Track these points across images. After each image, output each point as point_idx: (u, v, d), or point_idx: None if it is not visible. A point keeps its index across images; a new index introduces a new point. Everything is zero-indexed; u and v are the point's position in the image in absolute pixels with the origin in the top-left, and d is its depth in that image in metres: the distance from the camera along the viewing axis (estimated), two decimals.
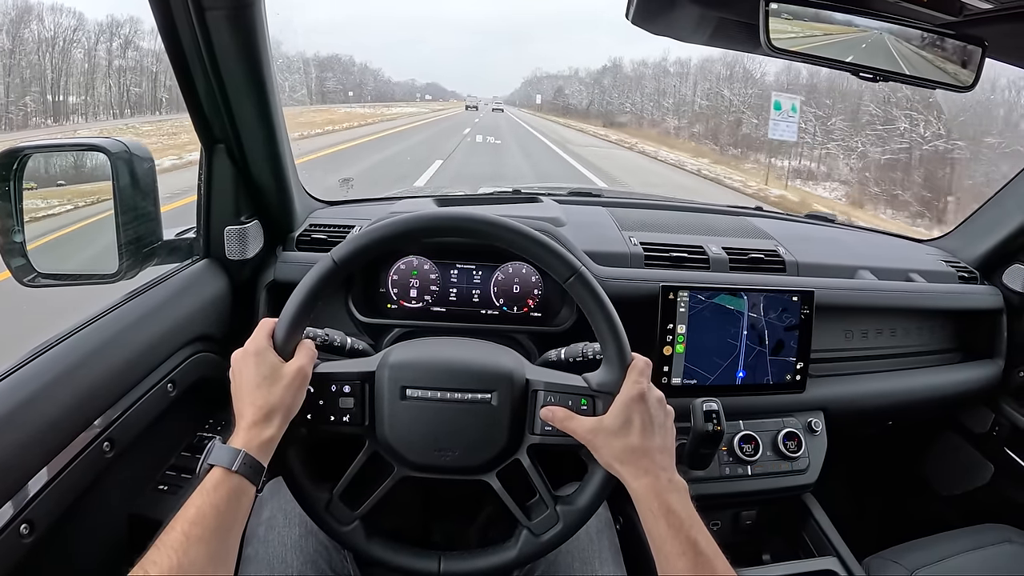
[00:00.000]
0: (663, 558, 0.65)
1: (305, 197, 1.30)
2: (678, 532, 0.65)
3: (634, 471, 0.68)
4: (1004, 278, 1.44)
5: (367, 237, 0.73)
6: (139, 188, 0.91)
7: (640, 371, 0.73)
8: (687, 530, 0.65)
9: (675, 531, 0.65)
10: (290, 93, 19.31)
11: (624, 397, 0.71)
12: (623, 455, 0.69)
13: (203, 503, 0.61)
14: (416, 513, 1.32)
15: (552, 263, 0.74)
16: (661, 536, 0.65)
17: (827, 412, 1.23)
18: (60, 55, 30.87)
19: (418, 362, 0.77)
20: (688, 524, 0.65)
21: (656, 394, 0.73)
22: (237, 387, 0.70)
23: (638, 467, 0.69)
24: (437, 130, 25.01)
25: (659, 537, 0.66)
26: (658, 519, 0.66)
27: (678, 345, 1.12)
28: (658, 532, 0.66)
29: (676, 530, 0.65)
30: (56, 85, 30.57)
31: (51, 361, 0.77)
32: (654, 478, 0.68)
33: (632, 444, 0.69)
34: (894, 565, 1.14)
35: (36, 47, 30.29)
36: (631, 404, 0.70)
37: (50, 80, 29.98)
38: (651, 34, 1.03)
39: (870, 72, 0.89)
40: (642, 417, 0.70)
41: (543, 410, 0.74)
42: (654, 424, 0.71)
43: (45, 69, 29.69)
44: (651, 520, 0.67)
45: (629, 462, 0.69)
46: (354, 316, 1.14)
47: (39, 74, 29.61)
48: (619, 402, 0.71)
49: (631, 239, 1.26)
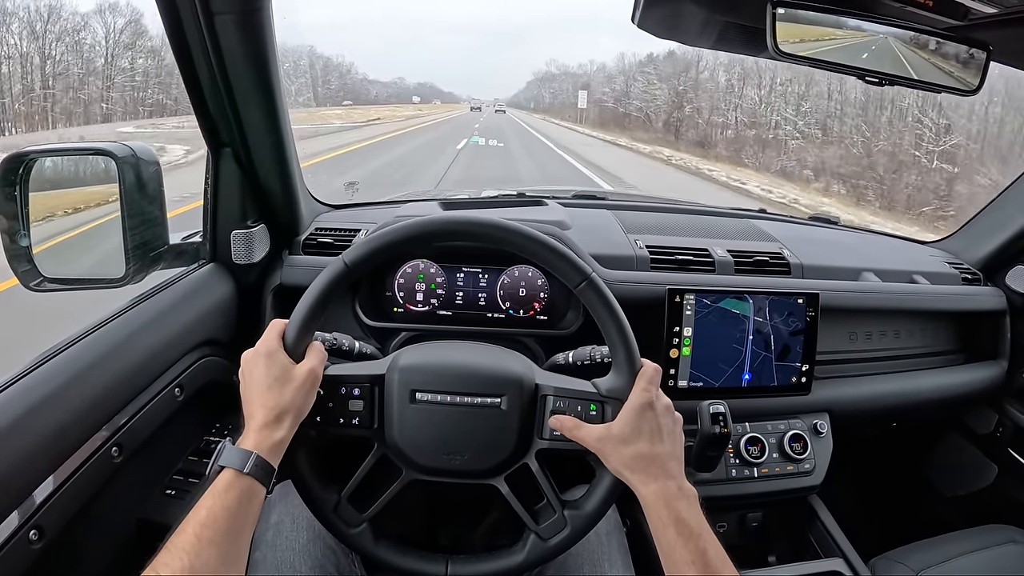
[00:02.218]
0: (671, 565, 0.65)
1: (311, 201, 1.30)
2: (687, 541, 0.65)
3: (643, 478, 0.69)
4: (1007, 279, 1.44)
5: (379, 240, 0.73)
6: (145, 192, 0.91)
7: (649, 379, 0.73)
8: (696, 539, 0.65)
9: (684, 539, 0.65)
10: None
11: (633, 404, 0.71)
12: (632, 462, 0.69)
13: (214, 505, 0.61)
14: (423, 516, 1.31)
15: (563, 268, 0.74)
16: (670, 544, 0.65)
17: (832, 414, 1.23)
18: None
19: (428, 365, 0.77)
20: (698, 533, 0.65)
21: (664, 401, 0.73)
22: (247, 388, 0.70)
23: (647, 474, 0.69)
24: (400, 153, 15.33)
25: (668, 545, 0.66)
26: (667, 527, 0.66)
27: (684, 348, 1.12)
28: (667, 540, 0.66)
29: (686, 539, 0.65)
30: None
31: (59, 367, 0.77)
32: (663, 485, 0.68)
33: (641, 451, 0.69)
34: (899, 566, 1.14)
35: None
36: (640, 412, 0.70)
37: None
38: (656, 38, 1.03)
39: (876, 76, 0.89)
40: (651, 425, 0.70)
41: (552, 419, 0.74)
42: (663, 431, 0.71)
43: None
44: (660, 528, 0.67)
45: (639, 469, 0.69)
46: (361, 320, 1.14)
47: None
48: (628, 410, 0.71)
49: (637, 242, 1.26)
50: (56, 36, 29.96)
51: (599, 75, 59.47)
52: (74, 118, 29.41)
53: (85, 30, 31.14)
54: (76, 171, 1.00)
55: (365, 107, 53.22)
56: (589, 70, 70.18)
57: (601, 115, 46.24)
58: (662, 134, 34.04)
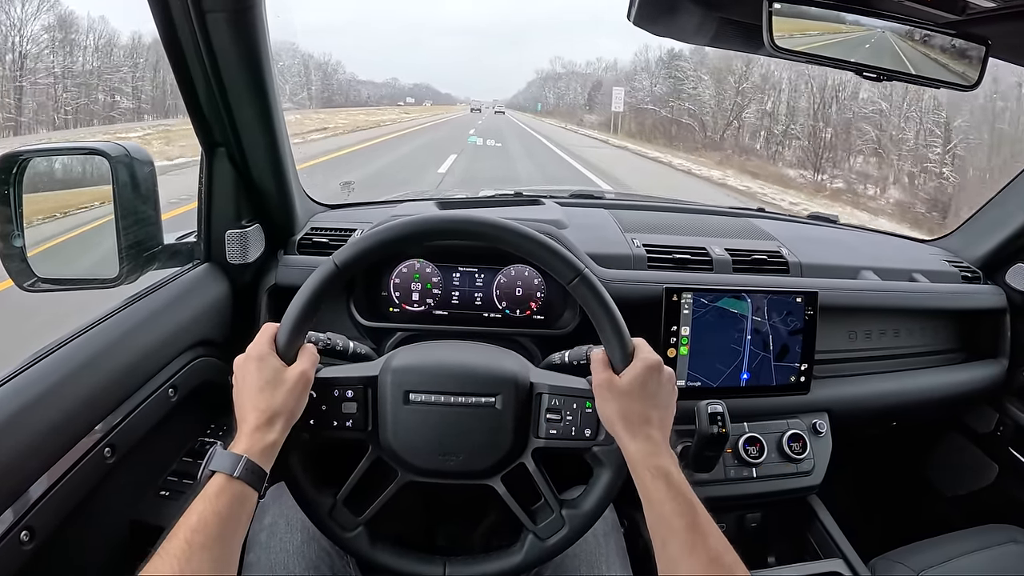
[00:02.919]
0: (658, 518, 0.65)
1: (306, 200, 1.29)
2: (677, 494, 0.64)
3: (633, 433, 0.68)
4: (1007, 278, 1.43)
5: (370, 240, 0.73)
6: (139, 192, 0.91)
7: (648, 347, 0.73)
8: (686, 493, 0.65)
9: (675, 492, 0.64)
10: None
11: (643, 362, 0.71)
12: (627, 415, 0.69)
13: (205, 510, 0.60)
14: (419, 517, 1.31)
15: (555, 265, 0.73)
16: (659, 498, 0.65)
17: (831, 413, 1.23)
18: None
19: (421, 366, 0.77)
20: (686, 488, 0.65)
21: (669, 371, 0.73)
22: (239, 392, 0.70)
23: (638, 431, 0.69)
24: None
25: (657, 499, 0.65)
26: (656, 479, 0.65)
27: (682, 347, 1.11)
28: (656, 494, 0.65)
29: (676, 491, 0.65)
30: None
31: (51, 366, 0.76)
32: (653, 445, 0.68)
33: (638, 409, 0.69)
34: (900, 567, 1.13)
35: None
36: (648, 371, 0.70)
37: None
38: (653, 35, 1.03)
39: (874, 72, 0.88)
40: (653, 387, 0.70)
41: (595, 351, 0.74)
42: (661, 397, 0.71)
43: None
44: (649, 480, 0.66)
45: (631, 424, 0.69)
46: (356, 320, 1.14)
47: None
48: (637, 366, 0.71)
49: (633, 241, 1.26)
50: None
51: (609, 74, 53.76)
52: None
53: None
54: (68, 171, 0.99)
55: (332, 111, 42.54)
56: (597, 68, 64.14)
57: (637, 120, 35.52)
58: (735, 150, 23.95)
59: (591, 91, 57.13)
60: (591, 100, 55.54)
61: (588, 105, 55.73)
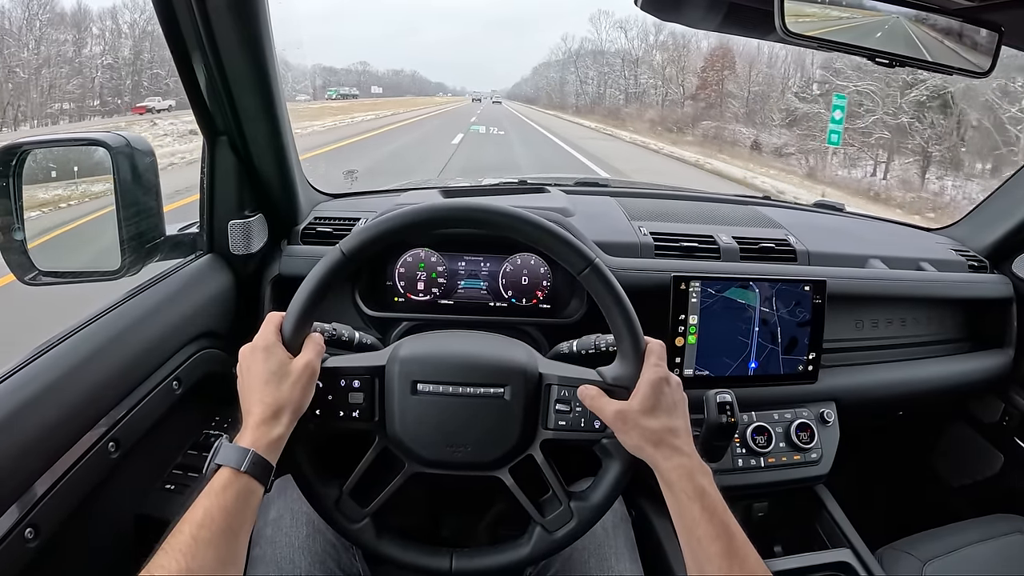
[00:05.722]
0: (695, 541, 0.64)
1: (309, 190, 1.28)
2: (712, 516, 0.64)
3: (667, 453, 0.67)
4: (1014, 267, 1.42)
5: (377, 228, 0.72)
6: (141, 183, 0.90)
7: (658, 355, 0.72)
8: (721, 514, 0.64)
9: (709, 514, 0.64)
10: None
11: (649, 379, 0.70)
12: (655, 436, 0.68)
13: (211, 504, 0.59)
14: (425, 509, 1.31)
15: (566, 254, 0.72)
16: (694, 519, 0.64)
17: (839, 403, 1.22)
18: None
19: (429, 356, 0.76)
20: (721, 509, 0.65)
21: (675, 378, 0.72)
22: (245, 384, 0.69)
23: (670, 448, 0.67)
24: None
25: (692, 521, 0.64)
26: (692, 502, 0.65)
27: (690, 336, 1.11)
28: (691, 516, 0.64)
29: (711, 513, 0.64)
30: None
31: (53, 361, 0.75)
32: (687, 459, 0.67)
33: (663, 425, 0.68)
34: (906, 556, 1.13)
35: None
36: (657, 386, 0.69)
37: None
38: (661, 21, 1.01)
39: (887, 57, 0.87)
40: (668, 399, 0.70)
41: (581, 388, 0.73)
42: (678, 406, 0.70)
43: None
44: (685, 503, 0.65)
45: (661, 444, 0.68)
46: (361, 310, 1.13)
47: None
48: (644, 385, 0.70)
49: (641, 229, 1.25)
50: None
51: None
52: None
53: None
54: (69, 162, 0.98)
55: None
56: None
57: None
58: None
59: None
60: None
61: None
